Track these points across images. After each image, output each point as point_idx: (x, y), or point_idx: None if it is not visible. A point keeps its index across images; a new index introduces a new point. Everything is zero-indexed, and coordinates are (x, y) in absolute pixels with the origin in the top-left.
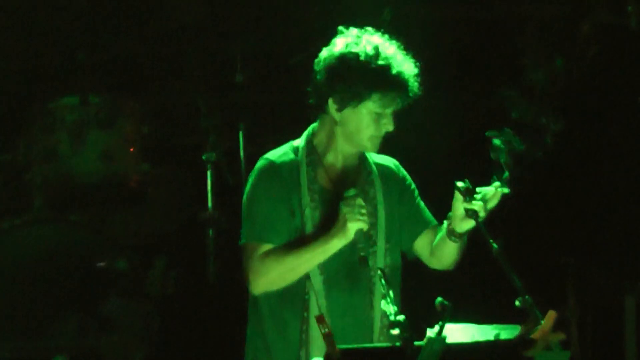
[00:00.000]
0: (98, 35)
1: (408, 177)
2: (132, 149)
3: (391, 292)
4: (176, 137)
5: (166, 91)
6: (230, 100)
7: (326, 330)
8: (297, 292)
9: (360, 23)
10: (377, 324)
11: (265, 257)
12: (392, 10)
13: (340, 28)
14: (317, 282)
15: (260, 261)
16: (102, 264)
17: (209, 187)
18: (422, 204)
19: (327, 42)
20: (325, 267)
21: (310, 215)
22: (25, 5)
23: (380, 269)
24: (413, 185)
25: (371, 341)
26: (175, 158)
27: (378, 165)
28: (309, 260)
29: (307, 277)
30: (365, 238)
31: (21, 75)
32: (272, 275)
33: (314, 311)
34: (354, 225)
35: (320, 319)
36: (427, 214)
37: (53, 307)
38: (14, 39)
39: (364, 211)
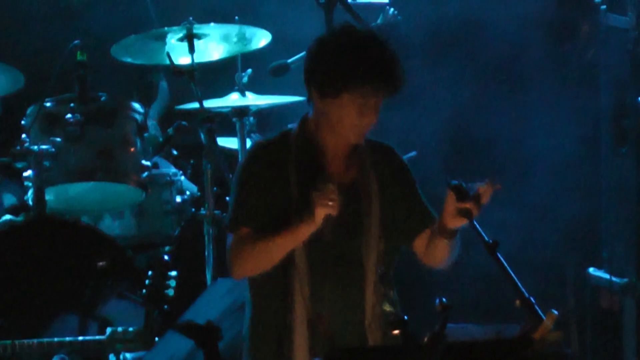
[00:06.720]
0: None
1: (406, 166)
2: (132, 149)
3: (392, 292)
4: (175, 137)
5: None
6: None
7: (326, 329)
8: (280, 279)
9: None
10: (369, 312)
11: (243, 241)
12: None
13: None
14: (303, 269)
15: (238, 245)
16: (102, 263)
17: (209, 187)
18: (423, 198)
19: None
20: (312, 255)
21: (297, 200)
22: (25, 4)
23: (381, 269)
24: (412, 178)
25: (362, 329)
26: (175, 158)
27: (373, 152)
28: (281, 246)
29: (292, 264)
30: (346, 231)
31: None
32: (248, 259)
33: (298, 299)
34: (322, 211)
35: (320, 319)
36: (429, 209)
37: (53, 307)
38: (14, 38)
39: (334, 197)
